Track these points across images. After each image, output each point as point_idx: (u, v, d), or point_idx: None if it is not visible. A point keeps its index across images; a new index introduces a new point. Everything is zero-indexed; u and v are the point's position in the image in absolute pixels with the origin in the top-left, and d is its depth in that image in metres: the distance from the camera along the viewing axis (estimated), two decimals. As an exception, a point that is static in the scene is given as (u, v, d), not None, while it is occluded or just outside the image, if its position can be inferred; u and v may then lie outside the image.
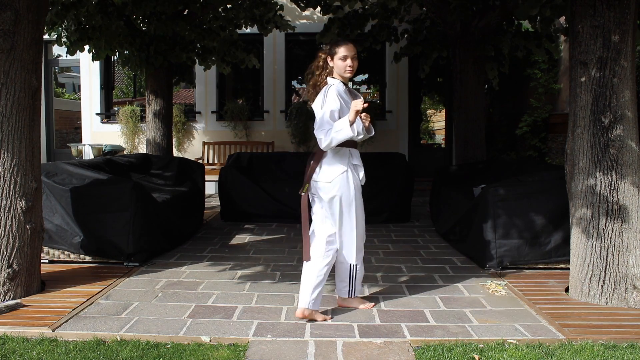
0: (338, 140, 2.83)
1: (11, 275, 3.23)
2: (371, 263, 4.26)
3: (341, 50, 2.95)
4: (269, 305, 3.23)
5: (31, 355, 2.50)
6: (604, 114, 3.20)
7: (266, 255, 4.52)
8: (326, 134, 2.85)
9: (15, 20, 3.18)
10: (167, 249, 4.62)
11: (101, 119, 9.75)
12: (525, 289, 3.53)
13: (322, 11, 6.70)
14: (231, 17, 6.82)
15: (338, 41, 3.02)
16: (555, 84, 8.19)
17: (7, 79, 3.20)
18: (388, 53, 9.04)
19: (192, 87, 10.17)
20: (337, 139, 2.83)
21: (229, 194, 6.18)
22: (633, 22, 3.20)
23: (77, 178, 4.16)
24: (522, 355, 2.51)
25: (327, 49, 3.02)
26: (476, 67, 6.35)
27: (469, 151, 6.44)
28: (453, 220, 4.81)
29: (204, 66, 7.37)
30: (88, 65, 9.47)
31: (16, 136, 3.24)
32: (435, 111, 15.92)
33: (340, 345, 2.65)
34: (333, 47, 2.98)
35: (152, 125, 6.99)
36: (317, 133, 2.90)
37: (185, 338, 2.72)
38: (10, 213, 3.23)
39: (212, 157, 9.44)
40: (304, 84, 11.23)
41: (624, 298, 3.19)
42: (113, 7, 5.84)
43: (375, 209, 5.87)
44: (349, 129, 2.79)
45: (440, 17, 6.27)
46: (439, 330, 2.83)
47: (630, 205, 3.18)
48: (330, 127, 2.84)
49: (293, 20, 8.67)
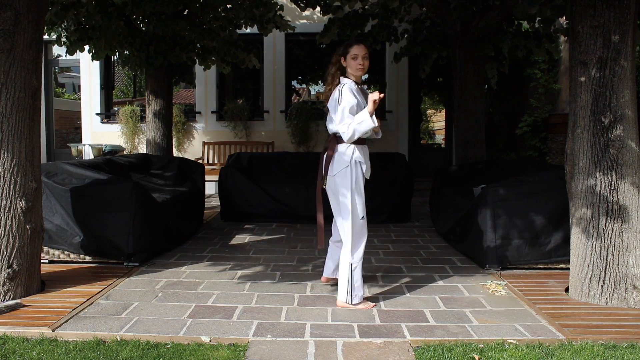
0: (360, 132, 3.08)
1: (11, 275, 3.23)
2: (371, 263, 4.26)
3: (353, 49, 3.19)
4: (269, 305, 3.23)
5: (31, 355, 2.50)
6: (604, 114, 3.20)
7: (266, 255, 4.52)
8: (348, 127, 3.08)
9: (15, 20, 3.18)
10: (167, 249, 4.62)
11: (101, 119, 9.76)
12: (525, 289, 3.53)
13: (322, 11, 6.70)
14: (231, 17, 6.82)
15: (351, 42, 3.25)
16: (555, 84, 8.19)
17: (7, 79, 3.20)
18: (388, 53, 9.04)
19: (192, 87, 10.17)
20: (359, 130, 3.07)
21: (229, 194, 6.18)
22: (633, 22, 3.20)
23: (77, 178, 4.16)
24: (522, 355, 2.51)
25: (341, 50, 3.25)
26: (476, 67, 6.35)
27: (469, 151, 6.43)
28: (453, 220, 4.81)
29: (204, 66, 7.37)
30: (88, 65, 9.47)
31: (16, 136, 3.24)
32: (435, 111, 15.93)
33: (340, 345, 2.65)
34: (346, 48, 3.22)
35: (152, 125, 6.99)
36: (340, 127, 3.12)
37: (185, 338, 2.72)
38: (10, 213, 3.23)
39: (212, 157, 9.44)
40: (304, 84, 11.29)
41: (624, 298, 3.19)
42: (113, 7, 5.84)
43: (375, 209, 5.87)
44: (369, 120, 3.04)
45: (440, 17, 6.27)
46: (439, 330, 2.83)
47: (630, 205, 3.18)
48: (351, 121, 3.08)
49: (293, 20, 8.67)
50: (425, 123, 15.45)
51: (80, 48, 6.29)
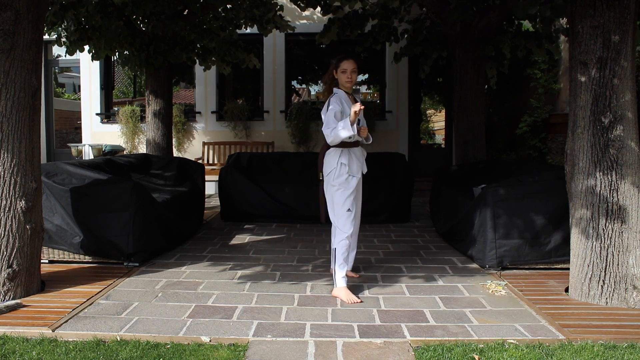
0: (340, 137, 3.32)
1: (11, 275, 3.23)
2: (371, 263, 4.26)
3: (343, 64, 3.49)
4: (269, 305, 3.23)
5: (31, 355, 2.50)
6: (604, 114, 3.20)
7: (266, 255, 4.52)
8: (331, 132, 3.35)
9: (15, 20, 3.18)
10: (167, 249, 4.62)
11: (101, 119, 9.75)
12: (525, 289, 3.53)
13: (322, 11, 6.70)
14: (231, 17, 6.81)
15: (342, 56, 3.52)
16: (555, 84, 8.19)
17: (7, 79, 3.20)
18: (388, 53, 9.04)
19: (192, 87, 10.17)
20: (339, 136, 3.32)
21: (229, 194, 6.18)
22: (633, 22, 3.20)
23: (77, 178, 4.16)
24: (522, 355, 2.51)
25: (334, 63, 3.53)
26: (476, 67, 6.35)
27: (469, 151, 6.43)
28: (453, 220, 4.81)
29: (204, 66, 7.37)
30: (88, 65, 9.47)
31: (16, 136, 3.24)
32: (435, 111, 15.91)
33: (340, 345, 2.65)
34: (338, 62, 3.51)
35: (152, 125, 6.99)
36: (324, 130, 3.42)
37: (185, 338, 2.72)
38: (10, 213, 3.23)
39: (212, 157, 9.44)
40: (304, 84, 11.30)
41: (624, 298, 3.19)
42: (113, 7, 5.84)
43: (375, 209, 5.87)
44: (349, 127, 3.27)
45: (440, 17, 6.27)
46: (439, 330, 2.83)
47: (630, 206, 3.18)
48: (335, 126, 3.33)
49: (293, 20, 8.67)
50: (425, 123, 15.43)
51: (80, 48, 6.28)
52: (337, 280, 3.44)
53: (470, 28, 6.09)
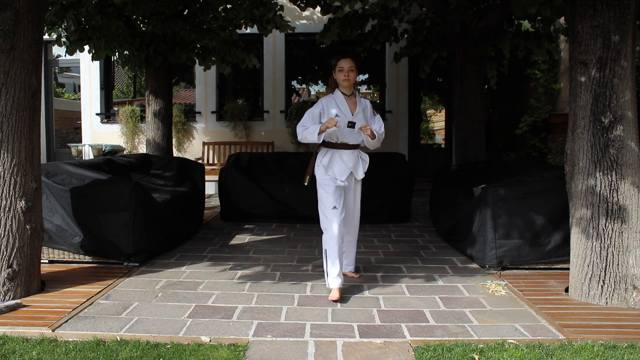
0: (307, 139, 3.44)
1: (11, 275, 3.23)
2: (371, 263, 4.26)
3: (340, 63, 3.43)
4: (269, 305, 3.23)
5: (31, 355, 2.50)
6: (604, 114, 3.20)
7: (266, 255, 4.52)
8: (302, 132, 3.45)
9: (15, 20, 3.18)
10: (167, 249, 4.62)
11: (101, 119, 9.75)
12: (525, 289, 3.53)
13: (322, 11, 6.69)
14: (231, 17, 6.81)
15: (339, 56, 3.47)
16: (555, 84, 8.19)
17: (7, 79, 3.20)
18: (388, 53, 9.04)
19: (192, 87, 10.17)
20: (306, 138, 3.44)
21: (229, 194, 6.18)
22: (633, 22, 3.20)
23: (77, 178, 4.16)
24: (522, 355, 2.51)
25: (333, 63, 3.48)
26: (476, 67, 6.35)
27: (469, 151, 6.43)
28: (453, 220, 4.81)
29: (204, 66, 7.37)
30: (88, 65, 9.47)
31: (16, 136, 3.24)
32: (435, 111, 15.91)
33: (340, 345, 2.65)
34: (335, 62, 3.46)
35: (152, 125, 6.99)
36: (297, 127, 3.50)
37: (185, 338, 2.72)
38: (10, 213, 3.23)
39: (212, 157, 9.44)
40: (304, 84, 11.29)
41: (624, 298, 3.19)
42: (113, 7, 5.84)
43: (375, 209, 5.87)
44: (315, 135, 3.36)
45: (440, 17, 6.27)
46: (439, 330, 2.83)
47: (630, 206, 3.18)
48: (307, 127, 3.44)
49: (293, 20, 8.67)
50: (425, 123, 15.44)
51: (80, 48, 6.28)
52: (330, 281, 3.39)
53: (470, 28, 6.09)
